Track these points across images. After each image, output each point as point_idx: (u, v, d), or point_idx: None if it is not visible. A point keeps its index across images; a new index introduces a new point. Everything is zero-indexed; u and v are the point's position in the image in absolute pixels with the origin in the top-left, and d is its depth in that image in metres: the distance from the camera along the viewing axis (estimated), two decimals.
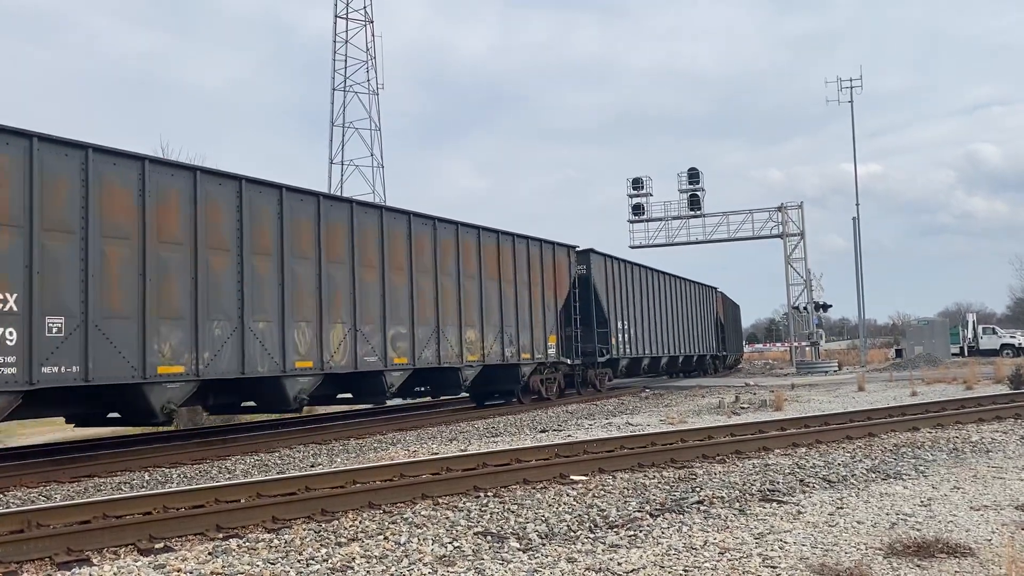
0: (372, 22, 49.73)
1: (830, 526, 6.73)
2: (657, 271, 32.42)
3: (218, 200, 13.03)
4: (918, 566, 5.53)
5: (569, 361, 23.76)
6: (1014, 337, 52.39)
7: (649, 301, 30.50)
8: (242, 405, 15.44)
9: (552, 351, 22.51)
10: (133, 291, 11.71)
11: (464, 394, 21.47)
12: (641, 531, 6.70)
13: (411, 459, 10.95)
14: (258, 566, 5.91)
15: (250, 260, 13.38)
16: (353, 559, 6.04)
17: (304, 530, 7.03)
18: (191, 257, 12.55)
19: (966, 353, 48.85)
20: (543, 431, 15.56)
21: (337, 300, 15.24)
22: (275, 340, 13.72)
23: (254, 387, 14.18)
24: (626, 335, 27.50)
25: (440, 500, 8.20)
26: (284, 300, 13.94)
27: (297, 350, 14.13)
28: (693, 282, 37.85)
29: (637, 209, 45.74)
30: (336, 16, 49.33)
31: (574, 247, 24.68)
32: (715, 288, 42.44)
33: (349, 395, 17.20)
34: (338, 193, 42.46)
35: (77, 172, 11.22)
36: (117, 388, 11.71)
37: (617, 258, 28.14)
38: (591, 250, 25.86)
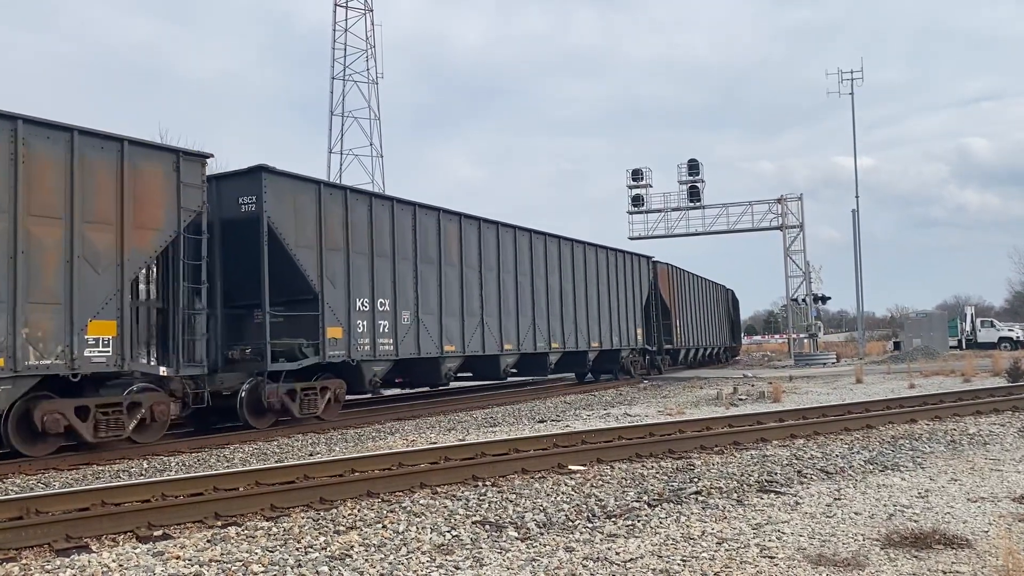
0: (371, 11, 49.66)
1: (828, 517, 6.75)
2: (491, 221, 20.60)
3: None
4: (915, 557, 5.55)
5: (164, 371, 12.58)
6: (1012, 330, 52.58)
7: (470, 266, 19.64)
8: None
9: (100, 354, 11.45)
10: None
11: None
12: (639, 521, 6.71)
13: (409, 448, 10.97)
14: (256, 553, 5.92)
15: None
16: (351, 547, 6.05)
17: (303, 518, 7.04)
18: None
19: (964, 346, 49.02)
20: (541, 421, 15.59)
21: None
22: None
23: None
24: (388, 320, 16.73)
25: (439, 489, 8.21)
26: None
27: None
28: (593, 245, 26.15)
29: (636, 200, 45.72)
30: (336, 4, 49.21)
31: (200, 156, 13.17)
32: (649, 258, 31.10)
33: None
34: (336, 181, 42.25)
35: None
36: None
37: (357, 190, 17.17)
38: (262, 167, 14.25)
